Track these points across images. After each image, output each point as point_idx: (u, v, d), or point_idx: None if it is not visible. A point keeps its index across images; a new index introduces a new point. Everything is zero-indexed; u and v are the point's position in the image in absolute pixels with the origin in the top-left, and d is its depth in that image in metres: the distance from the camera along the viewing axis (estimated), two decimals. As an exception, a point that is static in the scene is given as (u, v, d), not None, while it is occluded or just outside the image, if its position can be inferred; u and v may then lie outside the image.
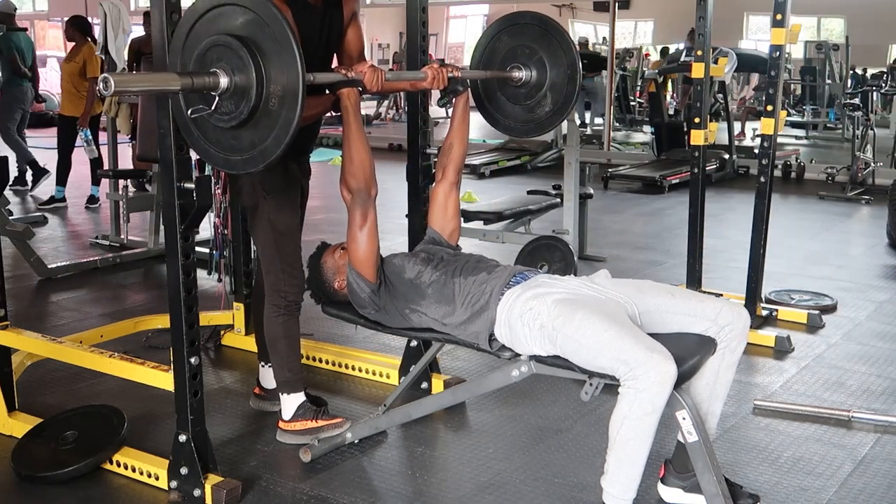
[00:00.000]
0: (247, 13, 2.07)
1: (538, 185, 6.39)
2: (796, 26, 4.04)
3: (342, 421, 2.94)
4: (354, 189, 2.59)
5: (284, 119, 2.07)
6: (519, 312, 2.39)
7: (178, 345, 2.51)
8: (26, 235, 5.04)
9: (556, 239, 4.82)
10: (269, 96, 2.07)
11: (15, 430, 2.98)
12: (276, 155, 2.12)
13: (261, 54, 2.05)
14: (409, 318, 2.61)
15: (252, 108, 2.07)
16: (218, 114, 2.12)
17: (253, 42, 2.05)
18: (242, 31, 2.07)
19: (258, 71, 2.05)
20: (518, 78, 3.04)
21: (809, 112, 12.86)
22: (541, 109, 3.08)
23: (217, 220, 3.86)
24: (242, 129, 2.14)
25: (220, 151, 2.21)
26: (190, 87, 2.06)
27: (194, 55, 2.13)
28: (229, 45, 2.06)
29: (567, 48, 2.99)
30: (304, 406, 2.96)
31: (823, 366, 3.77)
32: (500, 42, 3.09)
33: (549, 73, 3.02)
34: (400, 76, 2.69)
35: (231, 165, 2.21)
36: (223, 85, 2.07)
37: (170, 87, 2.08)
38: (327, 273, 2.76)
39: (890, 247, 6.05)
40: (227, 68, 2.07)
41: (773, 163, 4.09)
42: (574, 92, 3.01)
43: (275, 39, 2.04)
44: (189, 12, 2.18)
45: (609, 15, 11.71)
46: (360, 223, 2.59)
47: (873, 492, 2.69)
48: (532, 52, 3.02)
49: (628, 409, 2.19)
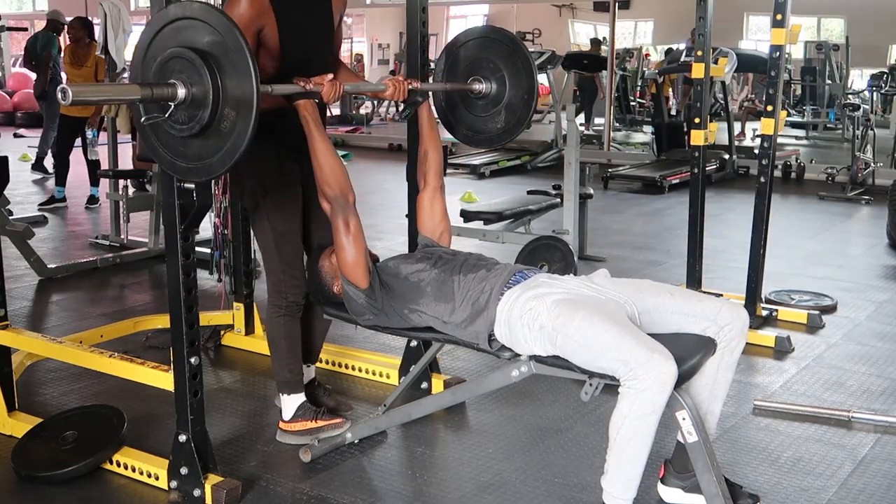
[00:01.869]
0: (205, 27, 2.12)
1: (538, 185, 6.40)
2: (796, 26, 4.04)
3: (342, 421, 2.94)
4: (331, 197, 2.59)
5: (237, 134, 2.12)
6: (518, 313, 2.39)
7: (178, 345, 2.51)
8: (26, 235, 5.04)
9: (556, 239, 4.82)
10: (223, 118, 2.13)
11: (15, 430, 2.98)
12: (219, 173, 2.20)
13: (217, 67, 2.11)
14: (408, 318, 2.61)
15: (204, 126, 2.12)
16: (172, 120, 2.17)
17: (210, 55, 2.11)
18: (200, 44, 2.13)
19: (214, 83, 2.11)
20: (478, 90, 3.10)
21: (809, 112, 12.86)
22: (493, 124, 3.14)
23: (217, 220, 3.87)
24: (193, 140, 2.19)
25: (168, 154, 2.25)
26: (150, 97, 2.11)
27: (154, 65, 2.18)
28: (187, 56, 2.11)
29: (529, 74, 3.06)
30: (305, 406, 2.97)
31: (823, 366, 3.78)
32: (469, 51, 3.14)
33: (508, 93, 3.08)
34: (359, 87, 2.74)
35: (176, 170, 2.27)
36: (181, 96, 2.13)
37: (131, 97, 2.15)
38: (326, 277, 2.76)
39: (890, 247, 6.05)
40: (185, 79, 2.13)
41: (773, 163, 4.10)
42: (528, 116, 3.09)
43: (230, 52, 2.09)
44: (150, 24, 2.24)
45: (609, 15, 11.72)
46: (345, 230, 2.59)
47: (873, 492, 2.69)
48: (496, 69, 3.09)
49: (629, 409, 2.19)
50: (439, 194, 2.92)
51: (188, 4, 2.16)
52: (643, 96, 13.75)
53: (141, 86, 2.13)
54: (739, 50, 10.26)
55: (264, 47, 2.73)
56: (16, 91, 15.12)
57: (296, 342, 2.97)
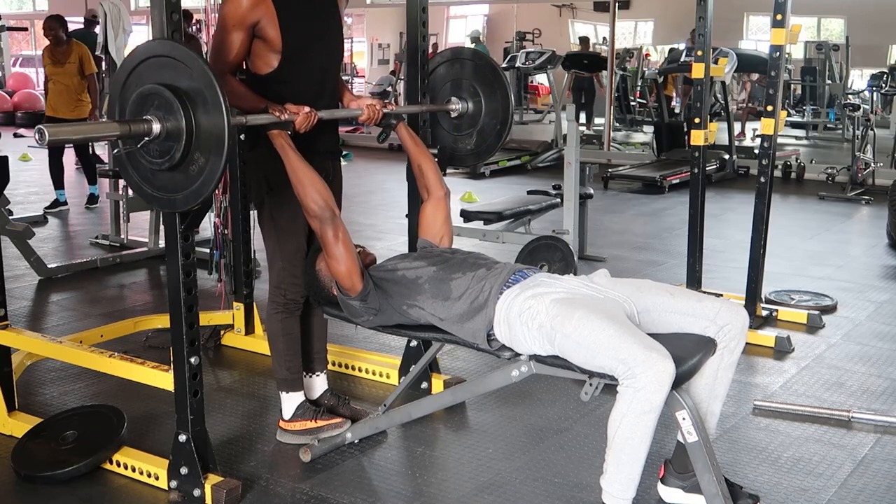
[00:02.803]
0: (177, 64, 2.21)
1: (538, 185, 6.40)
2: (796, 26, 4.04)
3: (342, 421, 2.94)
4: (318, 213, 2.61)
5: (204, 181, 2.22)
6: (517, 312, 2.39)
7: (178, 345, 2.51)
8: (26, 235, 5.04)
9: (556, 239, 4.82)
10: (192, 161, 2.23)
11: (15, 429, 2.99)
12: (181, 210, 2.32)
13: (192, 106, 2.20)
14: (407, 313, 2.61)
15: (173, 165, 2.23)
16: (144, 150, 2.27)
17: (184, 92, 2.20)
18: (173, 81, 2.21)
19: (188, 122, 2.20)
20: (454, 110, 3.22)
21: (809, 112, 12.85)
22: (464, 145, 3.26)
23: (217, 220, 3.87)
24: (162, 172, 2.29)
25: (137, 176, 2.36)
26: (128, 133, 2.21)
27: (130, 101, 2.28)
28: (163, 95, 2.20)
29: (506, 107, 3.19)
30: (304, 406, 2.97)
31: (823, 366, 3.78)
32: (452, 70, 3.27)
33: (482, 118, 3.22)
34: (334, 115, 2.88)
35: (141, 193, 2.37)
36: (156, 131, 2.22)
37: (110, 133, 2.26)
38: (324, 280, 2.77)
39: (890, 247, 6.05)
40: (160, 116, 2.22)
41: (773, 163, 4.09)
42: (497, 145, 3.23)
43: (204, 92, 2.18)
44: (126, 62, 2.35)
45: (609, 15, 11.71)
46: (334, 239, 2.62)
47: (873, 492, 2.69)
48: (474, 92, 3.22)
49: (626, 408, 2.19)
50: (443, 202, 2.94)
51: (168, 43, 2.26)
52: (646, 96, 13.73)
53: (119, 123, 2.23)
54: (739, 50, 10.25)
55: (262, 40, 2.74)
56: (16, 91, 15.11)
57: (294, 340, 2.97)
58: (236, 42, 2.70)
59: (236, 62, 2.75)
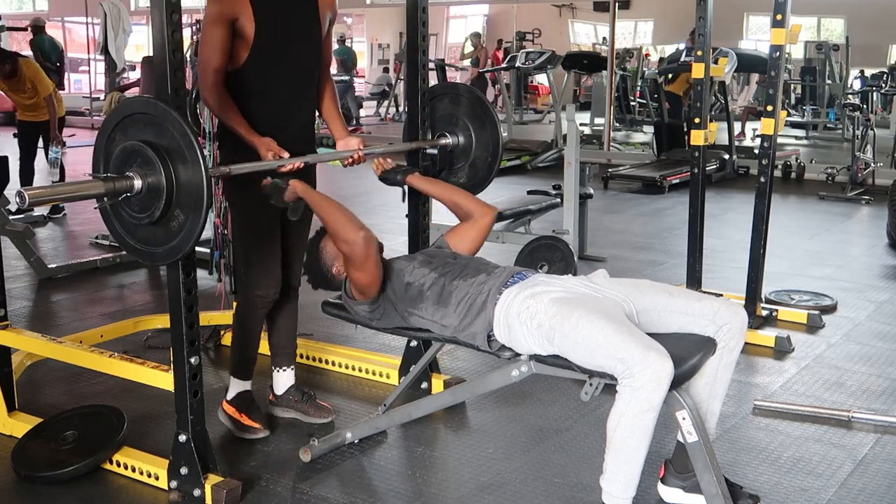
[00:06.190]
0: (154, 121, 2.29)
1: (538, 185, 6.38)
2: (796, 26, 4.04)
3: (259, 428, 2.99)
4: (353, 240, 2.57)
5: (183, 237, 2.29)
6: (516, 311, 2.39)
7: (178, 345, 2.51)
8: (26, 235, 5.04)
9: (556, 239, 4.82)
10: (173, 217, 2.29)
11: (15, 430, 2.99)
12: (160, 264, 2.40)
13: (172, 162, 2.26)
14: (408, 320, 2.63)
15: (154, 221, 2.30)
16: (126, 204, 2.33)
17: (164, 148, 2.26)
18: (153, 138, 2.29)
19: (168, 179, 2.26)
20: (445, 144, 3.27)
21: (809, 112, 12.85)
22: (455, 179, 3.29)
23: (217, 220, 3.87)
24: (143, 226, 2.36)
25: (119, 226, 2.42)
26: (112, 190, 2.28)
27: (112, 158, 2.35)
28: (145, 152, 2.27)
29: (495, 148, 3.25)
30: (243, 396, 3.04)
31: (823, 366, 3.78)
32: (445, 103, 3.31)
33: (473, 152, 3.28)
34: (319, 159, 3.00)
35: (122, 242, 2.45)
36: (137, 187, 2.29)
37: (93, 192, 2.31)
38: (327, 258, 2.77)
39: (890, 247, 6.05)
40: (142, 173, 2.29)
41: (773, 163, 4.09)
42: (488, 179, 3.30)
43: (185, 151, 2.25)
44: (107, 119, 2.45)
45: (609, 15, 11.71)
46: (365, 255, 2.57)
47: (873, 492, 2.69)
48: (465, 127, 3.27)
49: (625, 407, 2.19)
50: (486, 226, 2.93)
51: (149, 101, 2.32)
52: (645, 96, 13.73)
53: (104, 181, 2.28)
54: (739, 50, 10.25)
55: (240, 37, 2.77)
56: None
57: (254, 333, 3.04)
58: (216, 37, 2.74)
59: (221, 59, 2.77)
